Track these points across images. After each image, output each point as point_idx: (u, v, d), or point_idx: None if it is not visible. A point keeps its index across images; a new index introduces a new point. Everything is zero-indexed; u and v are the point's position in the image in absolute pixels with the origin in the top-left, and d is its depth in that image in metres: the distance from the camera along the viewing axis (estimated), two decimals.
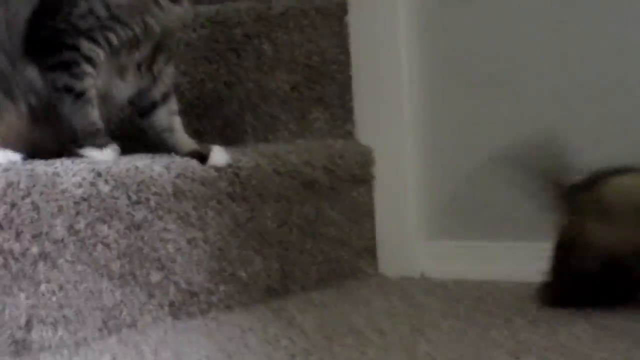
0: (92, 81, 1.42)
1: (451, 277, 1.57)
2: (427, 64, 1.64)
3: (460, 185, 1.63)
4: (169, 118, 1.52)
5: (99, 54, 1.42)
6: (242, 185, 1.46)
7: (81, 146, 1.39)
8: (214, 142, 1.76)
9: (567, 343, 1.09)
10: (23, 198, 1.18)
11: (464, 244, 1.63)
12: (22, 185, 1.18)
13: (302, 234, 1.55)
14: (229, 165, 1.44)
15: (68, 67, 1.40)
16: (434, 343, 1.14)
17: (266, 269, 1.49)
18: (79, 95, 1.40)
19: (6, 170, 1.20)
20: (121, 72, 1.46)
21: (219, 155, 1.47)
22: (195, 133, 1.77)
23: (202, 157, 1.45)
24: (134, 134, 1.68)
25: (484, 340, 1.14)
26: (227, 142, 1.77)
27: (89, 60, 1.41)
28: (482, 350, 1.09)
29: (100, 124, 1.43)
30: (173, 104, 1.54)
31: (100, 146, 1.40)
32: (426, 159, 1.65)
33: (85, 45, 1.40)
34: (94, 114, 1.42)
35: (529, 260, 1.48)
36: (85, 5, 1.39)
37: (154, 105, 1.51)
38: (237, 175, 1.45)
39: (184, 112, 1.67)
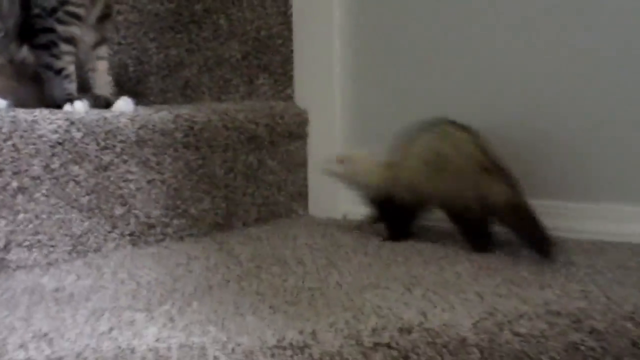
0: (71, 58, 1.43)
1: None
2: (356, 39, 1.64)
3: (377, 145, 1.65)
4: (95, 61, 1.51)
5: (75, 31, 1.42)
6: (196, 137, 1.47)
7: (59, 106, 1.40)
8: (176, 100, 1.78)
9: (450, 278, 1.13)
10: (5, 140, 1.19)
11: None
12: (4, 130, 1.19)
13: (245, 180, 1.57)
14: (185, 120, 1.45)
15: (48, 47, 1.41)
16: (344, 274, 1.16)
17: (214, 208, 1.51)
18: (58, 72, 1.42)
19: None
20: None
21: (123, 104, 1.46)
22: (160, 91, 1.78)
23: (107, 104, 1.46)
24: None
25: (384, 273, 1.17)
26: (186, 100, 1.78)
27: (68, 40, 1.42)
28: (382, 281, 1.12)
29: (74, 92, 1.43)
30: (102, 51, 1.53)
31: (72, 101, 1.40)
32: (351, 121, 1.67)
33: (60, 28, 1.41)
34: (71, 87, 1.43)
35: None
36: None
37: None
38: (191, 128, 1.46)
39: (150, 73, 1.68)
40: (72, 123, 1.28)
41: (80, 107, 1.38)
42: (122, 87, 1.76)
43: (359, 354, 0.87)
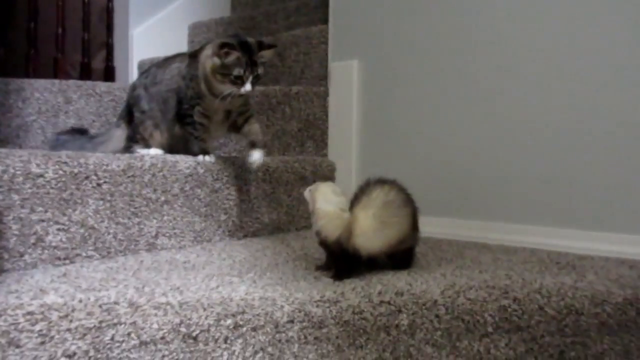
0: (203, 131, 1.33)
1: None
2: (365, 122, 1.62)
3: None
4: (250, 125, 1.34)
5: (203, 121, 1.32)
6: (270, 175, 1.43)
7: (196, 156, 1.32)
8: None
9: (423, 264, 1.07)
10: (160, 171, 1.17)
11: None
12: (159, 165, 1.17)
13: (298, 202, 1.53)
14: (264, 165, 1.42)
15: (190, 125, 1.33)
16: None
17: (278, 218, 1.46)
18: (197, 138, 1.33)
19: (152, 157, 1.18)
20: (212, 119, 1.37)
21: (258, 154, 1.29)
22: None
23: (254, 144, 1.30)
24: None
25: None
26: (265, 154, 1.75)
27: (201, 124, 1.32)
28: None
29: (207, 149, 1.33)
30: (253, 121, 1.35)
31: (204, 154, 1.33)
32: (362, 171, 1.63)
33: (196, 118, 1.31)
34: (204, 146, 1.33)
35: None
36: (186, 103, 1.32)
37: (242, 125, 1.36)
38: (267, 170, 1.43)
39: None
40: (198, 164, 1.25)
41: (208, 158, 1.31)
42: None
43: (370, 307, 0.82)
